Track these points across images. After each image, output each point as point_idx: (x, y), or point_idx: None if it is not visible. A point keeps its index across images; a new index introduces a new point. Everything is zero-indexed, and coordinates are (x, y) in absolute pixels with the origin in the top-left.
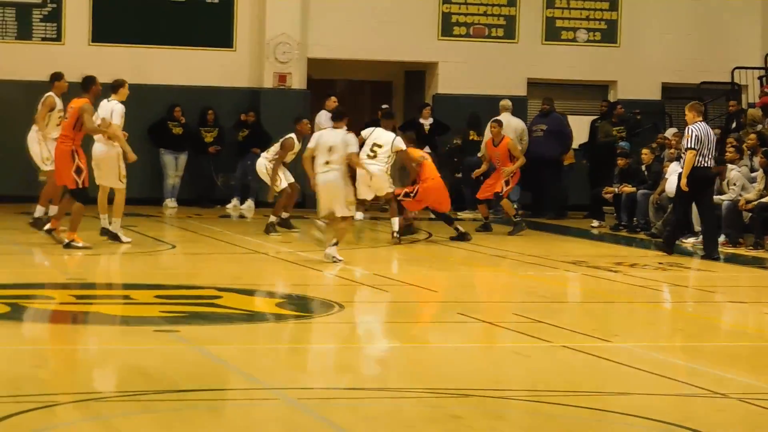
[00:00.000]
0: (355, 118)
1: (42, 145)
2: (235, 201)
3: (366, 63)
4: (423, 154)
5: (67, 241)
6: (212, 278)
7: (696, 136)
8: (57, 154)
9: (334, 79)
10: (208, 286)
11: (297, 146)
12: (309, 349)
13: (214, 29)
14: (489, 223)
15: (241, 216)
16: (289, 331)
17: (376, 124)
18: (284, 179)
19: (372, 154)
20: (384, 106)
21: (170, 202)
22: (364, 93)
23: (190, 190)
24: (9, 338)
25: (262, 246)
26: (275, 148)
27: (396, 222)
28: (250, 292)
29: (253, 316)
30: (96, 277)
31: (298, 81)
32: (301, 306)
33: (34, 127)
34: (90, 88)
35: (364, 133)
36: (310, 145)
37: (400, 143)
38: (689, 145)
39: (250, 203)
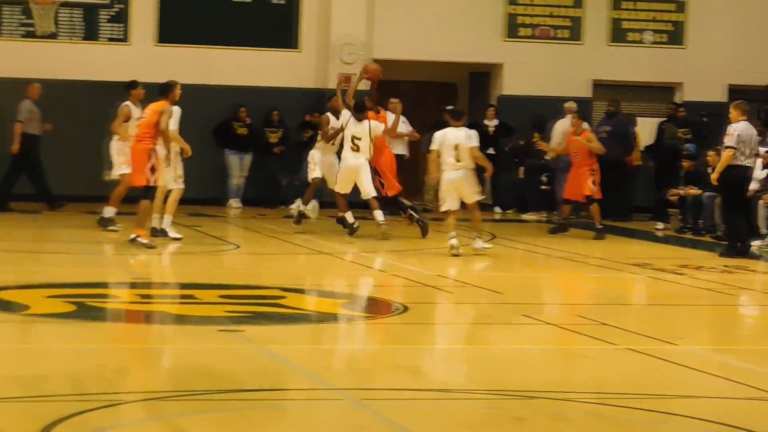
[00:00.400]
0: (419, 120)
1: (120, 153)
2: (298, 201)
3: (431, 64)
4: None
5: (133, 236)
6: (276, 278)
7: (738, 134)
8: (134, 152)
9: (398, 80)
10: (272, 286)
11: (333, 121)
12: (372, 349)
13: (280, 30)
14: (566, 224)
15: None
16: (352, 332)
17: (441, 126)
18: (317, 170)
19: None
20: (449, 107)
21: (234, 203)
22: (428, 94)
23: (254, 190)
24: (74, 337)
25: (326, 246)
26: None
27: (479, 241)
28: (313, 293)
29: (316, 317)
30: (161, 277)
31: (363, 82)
32: (364, 306)
33: (116, 137)
34: (168, 93)
35: (438, 136)
36: (434, 146)
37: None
38: (729, 144)
39: (313, 203)
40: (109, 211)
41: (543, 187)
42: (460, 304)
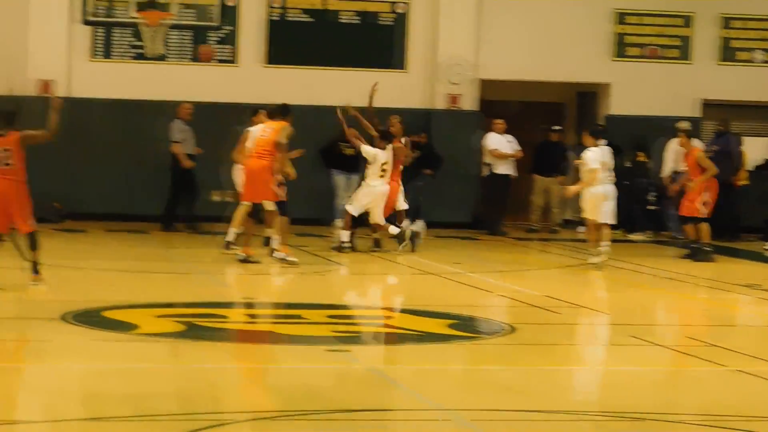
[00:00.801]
0: (526, 140)
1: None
2: (405, 222)
3: (537, 84)
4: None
5: (277, 254)
6: (383, 298)
7: None
8: (253, 170)
9: (505, 101)
10: (380, 306)
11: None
12: (480, 370)
13: (387, 51)
14: (701, 248)
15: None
16: (460, 352)
17: (551, 146)
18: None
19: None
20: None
21: (340, 223)
22: (535, 114)
23: None
24: (183, 356)
25: (431, 266)
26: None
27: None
28: (420, 313)
29: (424, 337)
30: (269, 297)
31: (470, 102)
32: (471, 327)
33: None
34: (288, 114)
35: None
36: (595, 164)
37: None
38: None
39: (420, 224)
40: (232, 234)
41: (650, 207)
42: (567, 325)
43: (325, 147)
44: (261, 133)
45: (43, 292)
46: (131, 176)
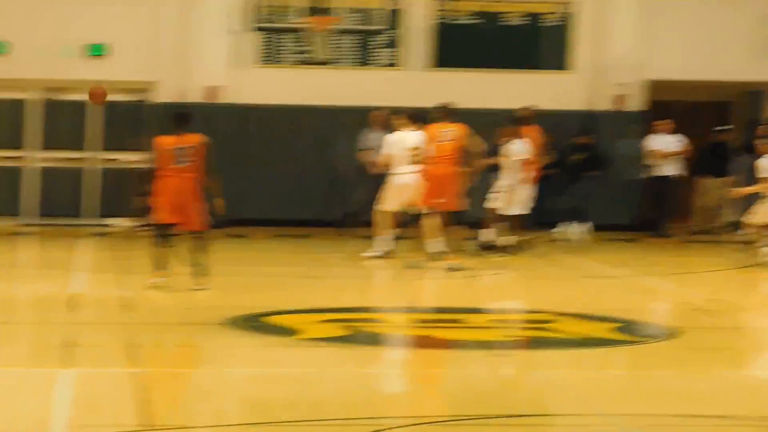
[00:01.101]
0: (694, 141)
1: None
2: (566, 224)
3: (705, 83)
4: None
5: (450, 264)
6: (546, 302)
7: None
8: (450, 177)
9: (672, 101)
10: (542, 310)
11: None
12: (647, 374)
13: (552, 52)
14: None
15: (574, 239)
16: (625, 357)
17: (719, 146)
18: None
19: None
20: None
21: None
22: (703, 114)
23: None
24: (347, 361)
25: (596, 269)
26: None
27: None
28: (584, 317)
29: (587, 341)
30: (432, 301)
31: (636, 103)
32: (635, 331)
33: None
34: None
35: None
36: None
37: None
38: None
39: (581, 226)
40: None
41: None
42: (733, 329)
43: (492, 149)
44: (440, 137)
45: (207, 297)
46: (297, 181)
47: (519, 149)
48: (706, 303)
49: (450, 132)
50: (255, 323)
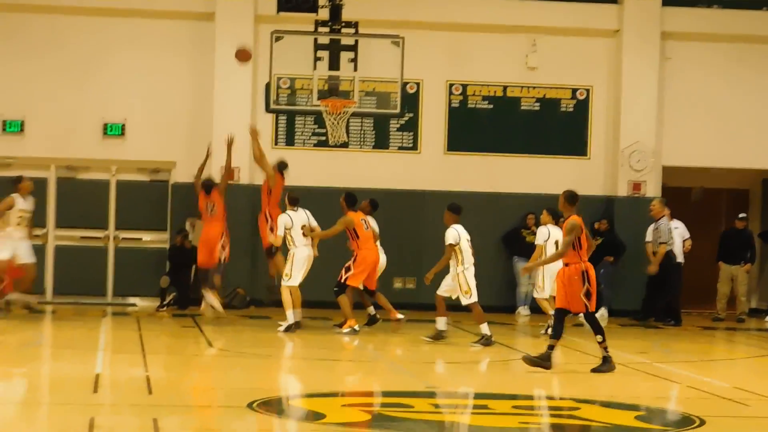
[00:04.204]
0: (710, 227)
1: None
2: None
3: (722, 170)
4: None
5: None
6: (569, 389)
7: None
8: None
9: (688, 187)
10: (566, 397)
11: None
12: None
13: (568, 137)
14: None
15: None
16: None
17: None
18: None
19: None
20: (741, 215)
21: (523, 310)
22: (719, 201)
23: None
24: None
25: (618, 356)
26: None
27: None
28: (608, 404)
29: (611, 429)
30: (453, 386)
31: (652, 189)
32: (660, 419)
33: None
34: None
35: None
36: None
37: None
38: None
39: (603, 312)
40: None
41: None
42: (760, 418)
43: (507, 234)
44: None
45: (231, 378)
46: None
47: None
48: (728, 392)
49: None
50: (278, 406)
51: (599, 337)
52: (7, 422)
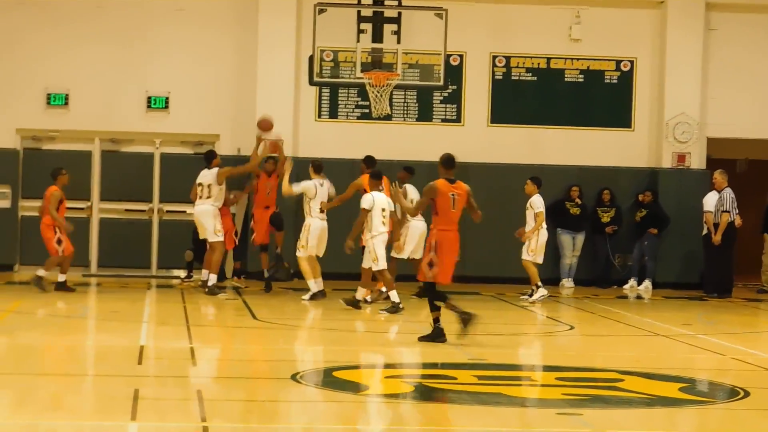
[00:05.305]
0: (757, 199)
1: None
2: (632, 282)
3: (765, 142)
4: None
5: None
6: (613, 360)
7: None
8: None
9: (733, 159)
10: (609, 369)
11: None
12: None
13: (613, 109)
14: None
15: (639, 297)
16: (691, 418)
17: None
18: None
19: None
20: None
21: (567, 282)
22: (765, 172)
23: (587, 270)
24: (412, 418)
25: (662, 328)
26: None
27: None
28: (651, 376)
29: (655, 401)
30: (497, 358)
31: (697, 161)
32: (704, 391)
33: None
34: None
35: None
36: None
37: None
38: None
39: (647, 284)
40: None
41: None
42: None
43: (550, 206)
44: None
45: (275, 350)
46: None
47: None
48: None
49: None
50: (321, 378)
51: (435, 313)
52: (53, 394)
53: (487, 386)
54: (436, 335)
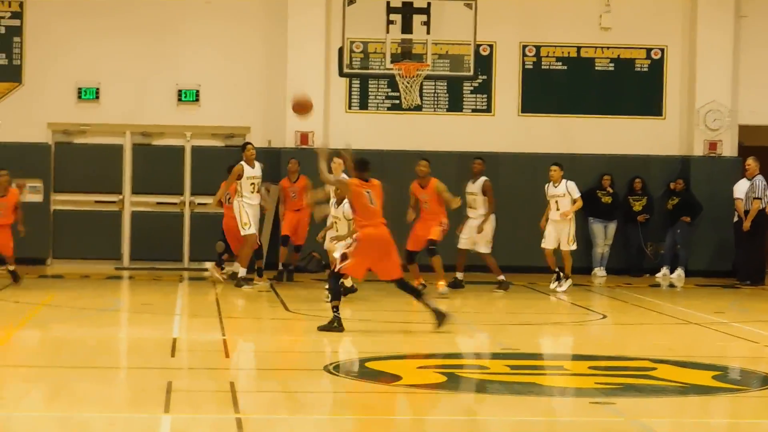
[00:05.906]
0: None
1: None
2: (664, 270)
3: None
4: None
5: None
6: (645, 349)
7: None
8: None
9: (765, 146)
10: (642, 357)
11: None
12: (747, 423)
13: (644, 97)
14: None
15: (671, 285)
16: (724, 406)
17: None
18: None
19: None
20: None
21: (599, 271)
22: None
23: (619, 258)
24: (445, 408)
25: (694, 316)
26: None
27: None
28: (684, 364)
29: (688, 389)
30: (529, 347)
31: (728, 148)
32: (737, 379)
33: None
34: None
35: None
36: None
37: None
38: None
39: (680, 272)
40: None
41: None
42: None
43: (582, 195)
44: None
45: (309, 342)
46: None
47: None
48: None
49: None
50: (354, 369)
51: (335, 302)
52: (86, 386)
53: (519, 376)
54: (333, 324)
